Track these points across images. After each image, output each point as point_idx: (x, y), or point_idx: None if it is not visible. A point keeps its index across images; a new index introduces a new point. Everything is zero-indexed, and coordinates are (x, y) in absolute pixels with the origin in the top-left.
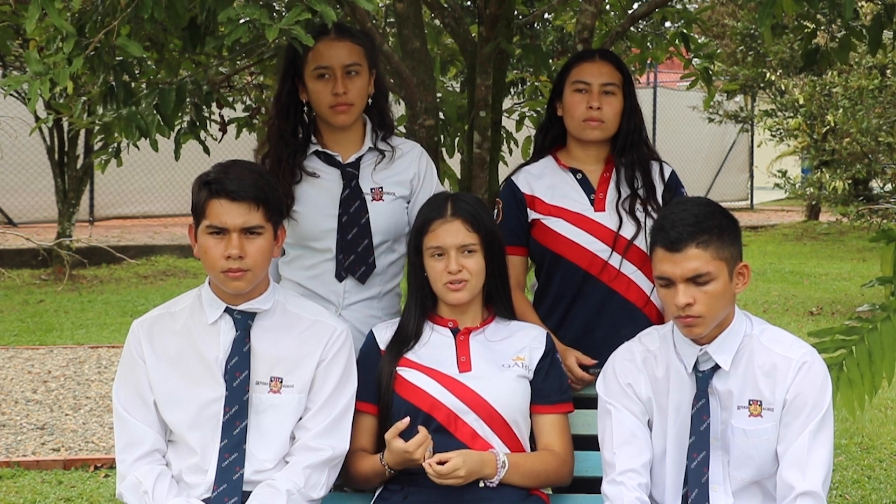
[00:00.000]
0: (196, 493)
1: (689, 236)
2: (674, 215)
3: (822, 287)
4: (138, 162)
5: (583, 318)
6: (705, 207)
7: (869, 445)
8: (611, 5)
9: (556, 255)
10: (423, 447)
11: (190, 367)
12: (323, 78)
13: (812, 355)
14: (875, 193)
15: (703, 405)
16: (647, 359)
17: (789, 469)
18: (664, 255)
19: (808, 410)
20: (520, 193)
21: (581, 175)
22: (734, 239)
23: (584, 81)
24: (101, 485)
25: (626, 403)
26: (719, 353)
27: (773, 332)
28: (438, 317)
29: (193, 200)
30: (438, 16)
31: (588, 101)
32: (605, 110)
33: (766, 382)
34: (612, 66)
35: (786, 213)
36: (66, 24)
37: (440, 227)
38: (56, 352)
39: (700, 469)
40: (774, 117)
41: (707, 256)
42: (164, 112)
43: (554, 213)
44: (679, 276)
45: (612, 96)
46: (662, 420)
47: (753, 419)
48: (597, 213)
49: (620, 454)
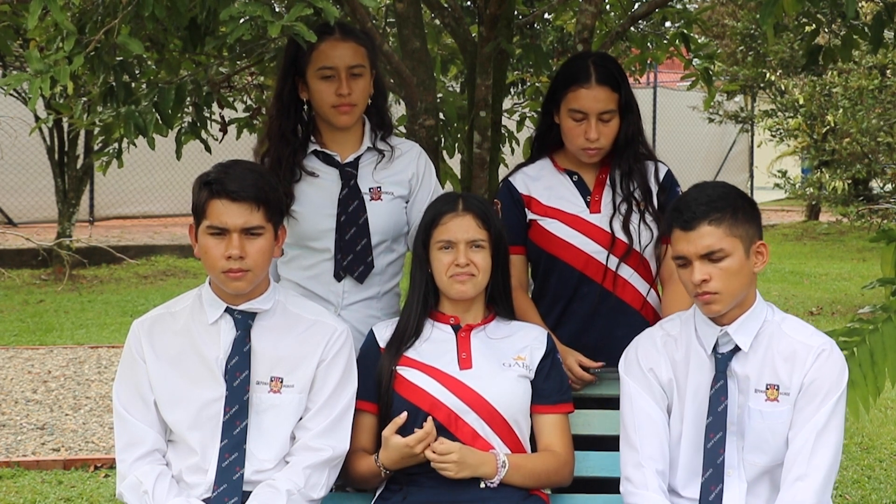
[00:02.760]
0: (196, 493)
1: (701, 214)
2: (689, 196)
3: (822, 287)
4: (138, 162)
5: (578, 320)
6: (720, 188)
7: (869, 445)
8: (611, 5)
9: (552, 256)
10: (425, 443)
11: (190, 366)
12: (327, 78)
13: (831, 345)
14: (875, 193)
15: (722, 386)
16: (667, 342)
17: (795, 451)
18: (680, 234)
19: (821, 396)
20: (517, 194)
21: (577, 177)
22: (750, 218)
23: (581, 112)
24: (101, 485)
25: (646, 387)
26: (739, 334)
27: (794, 321)
28: (440, 313)
29: (194, 200)
30: (438, 16)
31: (586, 131)
32: (602, 140)
33: (784, 367)
34: (608, 90)
35: (786, 213)
36: (67, 21)
37: (451, 220)
38: (56, 352)
39: (716, 450)
40: (774, 117)
41: (720, 233)
42: (163, 111)
43: (550, 215)
44: (693, 254)
45: (609, 122)
46: (681, 403)
47: (770, 403)
48: (592, 214)
49: (641, 438)
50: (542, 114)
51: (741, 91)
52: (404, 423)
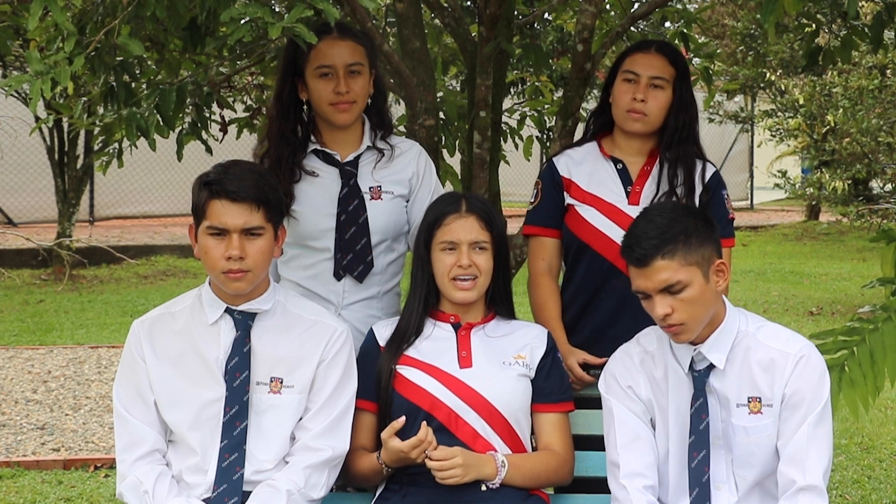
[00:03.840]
0: (196, 493)
1: (652, 249)
2: (637, 230)
3: (822, 287)
4: (138, 162)
5: (604, 311)
6: (669, 215)
7: (869, 445)
8: (611, 5)
9: (584, 244)
10: (419, 449)
11: (190, 367)
12: (325, 77)
13: (809, 349)
14: (875, 193)
15: (702, 404)
16: (644, 360)
17: (789, 464)
18: (635, 271)
19: (806, 405)
20: (558, 176)
21: (622, 165)
22: (704, 240)
23: (634, 72)
24: (101, 485)
25: (628, 404)
26: (713, 352)
27: (770, 328)
28: (440, 312)
29: (194, 201)
30: (438, 16)
31: (634, 92)
32: (649, 104)
33: (763, 378)
34: (665, 60)
35: (786, 213)
36: (67, 22)
37: (454, 221)
38: (56, 352)
39: (700, 468)
40: (774, 117)
41: (675, 265)
42: (164, 112)
43: (588, 201)
44: (652, 289)
45: (659, 90)
46: (664, 421)
47: (753, 416)
48: (630, 205)
49: (625, 455)
50: (602, 92)
51: (741, 91)
52: (406, 421)
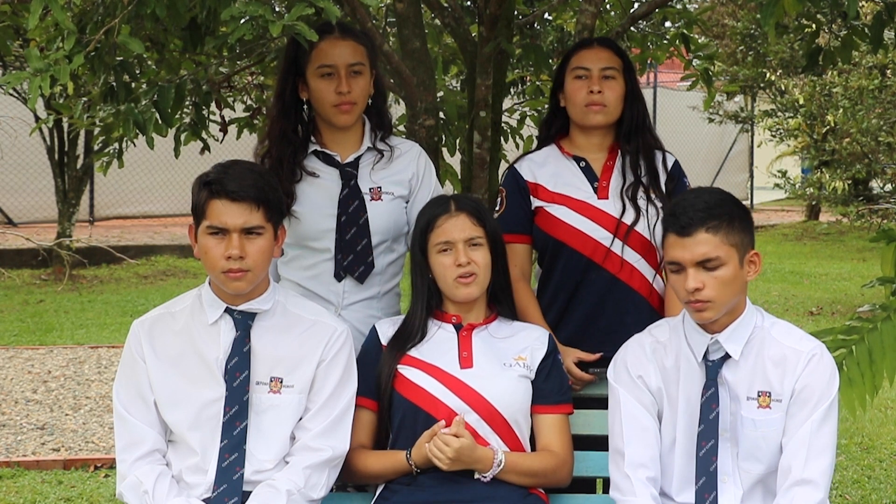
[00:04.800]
0: (196, 493)
1: (699, 221)
2: (685, 202)
3: (822, 287)
4: (138, 162)
5: (586, 307)
6: (717, 195)
7: (869, 445)
8: (611, 5)
9: (559, 242)
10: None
11: (190, 367)
12: (327, 76)
13: (821, 348)
14: (875, 193)
15: (713, 394)
16: (656, 349)
17: (790, 457)
18: (675, 240)
19: (814, 401)
20: (522, 181)
21: (584, 163)
22: (745, 227)
23: (584, 67)
24: (101, 485)
25: (637, 395)
26: (730, 342)
27: (784, 326)
28: (443, 313)
29: (193, 201)
30: (438, 16)
31: (589, 85)
32: (606, 94)
33: (775, 373)
34: (610, 52)
35: (786, 213)
36: (67, 21)
37: (446, 221)
38: (56, 352)
39: (708, 458)
40: (774, 117)
41: (716, 241)
42: (162, 109)
43: (557, 201)
44: (689, 261)
45: (612, 80)
46: (672, 410)
47: (762, 410)
48: (600, 200)
49: (631, 446)
50: (550, 99)
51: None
52: (403, 422)
